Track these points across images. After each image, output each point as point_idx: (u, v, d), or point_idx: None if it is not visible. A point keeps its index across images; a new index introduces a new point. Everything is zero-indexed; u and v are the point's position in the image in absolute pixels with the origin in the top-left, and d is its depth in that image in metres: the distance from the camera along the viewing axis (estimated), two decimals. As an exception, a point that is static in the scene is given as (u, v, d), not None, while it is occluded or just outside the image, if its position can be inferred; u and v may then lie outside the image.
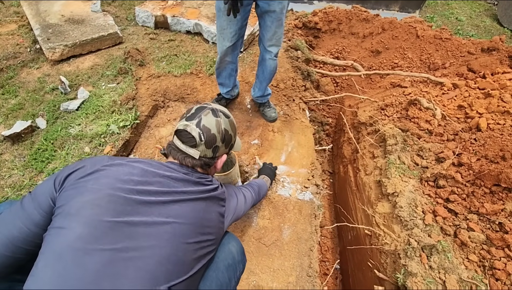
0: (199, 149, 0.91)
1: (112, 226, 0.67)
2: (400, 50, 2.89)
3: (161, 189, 0.78)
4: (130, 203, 0.72)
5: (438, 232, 1.48)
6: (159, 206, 0.75)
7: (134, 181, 0.76)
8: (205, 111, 0.94)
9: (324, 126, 3.00)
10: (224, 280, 0.95)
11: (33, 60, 2.65)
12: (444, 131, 1.98)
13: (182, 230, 0.75)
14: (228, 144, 1.02)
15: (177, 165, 0.90)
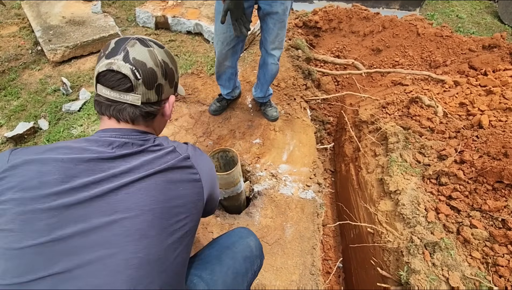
0: (138, 92, 0.67)
1: (39, 251, 0.51)
2: (401, 48, 2.88)
3: (92, 178, 0.58)
4: (52, 214, 0.53)
5: (441, 229, 1.48)
6: (97, 202, 0.56)
7: (50, 182, 0.55)
8: (130, 42, 0.68)
9: (325, 125, 3.00)
10: (241, 270, 0.92)
11: (35, 61, 2.66)
12: (445, 128, 1.98)
13: (136, 224, 0.57)
14: (172, 82, 0.76)
15: (111, 130, 0.67)
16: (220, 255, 0.94)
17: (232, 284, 0.88)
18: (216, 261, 0.91)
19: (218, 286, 0.84)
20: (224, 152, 1.65)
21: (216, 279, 0.85)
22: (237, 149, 2.03)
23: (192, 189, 0.70)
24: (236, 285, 0.89)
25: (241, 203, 1.78)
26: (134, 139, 0.67)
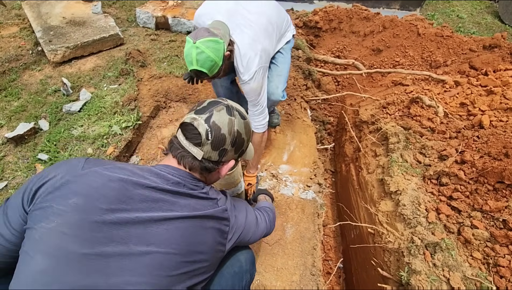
0: (203, 149, 0.78)
1: (80, 259, 0.58)
2: (401, 48, 2.88)
3: (143, 204, 0.66)
4: (101, 229, 0.60)
5: (442, 229, 1.48)
6: (139, 228, 0.63)
7: (109, 197, 0.63)
8: (218, 107, 0.81)
9: (326, 125, 2.99)
10: (227, 286, 0.91)
11: (35, 62, 2.66)
12: (446, 128, 1.97)
13: (165, 261, 0.64)
14: (238, 150, 0.87)
15: (171, 168, 0.77)
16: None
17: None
18: None
19: None
20: None
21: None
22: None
23: (218, 239, 0.78)
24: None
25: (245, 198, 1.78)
26: (187, 182, 0.76)
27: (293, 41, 1.81)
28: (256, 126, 1.59)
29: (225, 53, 1.27)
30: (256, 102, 1.52)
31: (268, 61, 1.52)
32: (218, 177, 0.90)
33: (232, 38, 1.37)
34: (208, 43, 1.19)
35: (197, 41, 1.18)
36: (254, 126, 1.58)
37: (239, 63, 1.39)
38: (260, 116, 1.57)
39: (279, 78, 1.69)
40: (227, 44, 1.30)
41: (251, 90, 1.46)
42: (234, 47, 1.38)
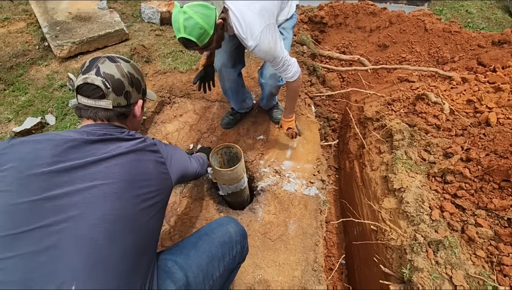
0: (109, 98, 0.83)
1: (31, 207, 0.62)
2: (408, 44, 2.84)
3: (77, 154, 0.71)
4: (44, 179, 0.65)
5: (445, 227, 1.47)
6: (80, 171, 0.68)
7: (43, 155, 0.67)
8: (100, 60, 0.85)
9: (330, 121, 2.98)
10: (217, 254, 0.97)
11: (42, 57, 2.70)
12: (452, 126, 1.95)
13: (113, 189, 0.69)
14: (139, 89, 0.93)
15: (91, 126, 0.82)
16: (197, 241, 0.99)
17: (207, 267, 0.93)
18: (192, 246, 0.97)
19: (193, 269, 0.89)
20: (228, 148, 1.65)
21: (190, 263, 0.90)
22: (241, 145, 2.04)
23: (159, 169, 0.84)
24: (211, 269, 0.94)
25: (244, 199, 1.79)
26: (110, 131, 0.82)
27: (296, 17, 1.68)
28: (289, 78, 1.47)
29: (217, 20, 1.16)
30: (277, 61, 1.37)
31: (273, 18, 1.35)
32: (137, 121, 0.97)
33: (226, 4, 1.24)
34: (197, 7, 1.09)
35: (185, 5, 1.08)
36: (287, 78, 1.48)
37: (240, 30, 1.26)
38: (288, 69, 1.42)
39: None
40: (220, 11, 1.19)
41: (265, 53, 1.31)
42: (229, 14, 1.25)
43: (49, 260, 0.60)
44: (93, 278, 0.62)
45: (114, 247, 0.66)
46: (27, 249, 0.59)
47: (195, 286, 0.88)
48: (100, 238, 0.64)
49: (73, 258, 0.61)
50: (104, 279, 0.63)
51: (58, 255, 0.60)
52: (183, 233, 1.57)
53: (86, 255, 0.62)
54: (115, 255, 0.66)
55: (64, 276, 0.59)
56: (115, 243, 0.66)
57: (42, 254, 0.60)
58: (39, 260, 0.59)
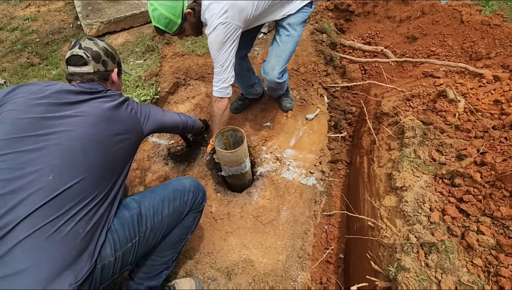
0: (90, 65, 1.07)
1: (31, 121, 0.87)
2: (440, 36, 2.63)
3: (70, 96, 0.95)
4: (43, 106, 0.90)
5: (444, 231, 1.40)
6: (69, 106, 0.93)
7: (47, 93, 0.93)
8: (82, 39, 1.12)
9: (347, 114, 2.88)
10: (168, 197, 1.14)
11: (74, 35, 2.89)
12: (472, 127, 1.81)
13: (90, 119, 0.94)
14: (113, 60, 1.18)
15: (81, 83, 1.05)
16: (154, 189, 1.20)
17: (157, 205, 1.12)
18: (150, 191, 1.18)
19: (145, 204, 1.09)
20: (234, 131, 1.69)
21: (144, 200, 1.11)
22: (246, 130, 2.06)
23: (130, 116, 1.08)
24: (161, 207, 1.12)
25: (245, 182, 1.83)
26: (96, 86, 1.06)
27: (310, 11, 1.61)
28: (213, 89, 1.49)
29: (184, 10, 1.28)
30: (214, 59, 1.41)
31: (241, 21, 1.37)
32: (118, 84, 1.21)
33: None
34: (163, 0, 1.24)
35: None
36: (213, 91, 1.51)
37: (204, 15, 1.35)
38: (216, 77, 1.45)
39: (277, 59, 1.60)
40: (192, 1, 1.31)
41: (210, 44, 1.38)
42: (201, 2, 1.33)
43: (36, 157, 0.83)
44: (66, 173, 0.84)
45: (86, 157, 0.89)
46: (22, 148, 0.83)
47: (145, 218, 1.06)
48: (76, 148, 0.88)
49: (53, 158, 0.84)
50: (74, 177, 0.85)
51: (43, 154, 0.84)
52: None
53: (62, 157, 0.85)
54: (87, 163, 0.89)
55: (45, 168, 0.82)
56: (87, 154, 0.89)
57: (33, 152, 0.83)
58: (30, 156, 0.83)
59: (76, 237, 0.82)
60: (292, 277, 1.36)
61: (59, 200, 0.81)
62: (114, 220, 0.98)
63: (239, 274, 1.36)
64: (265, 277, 1.35)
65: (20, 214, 0.76)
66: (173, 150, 1.93)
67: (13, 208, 0.76)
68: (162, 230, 1.12)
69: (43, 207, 0.78)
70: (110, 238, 0.93)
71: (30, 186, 0.79)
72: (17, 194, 0.78)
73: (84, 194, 0.86)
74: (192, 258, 1.41)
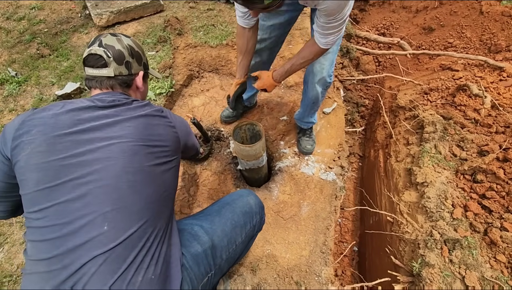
0: (111, 67, 0.89)
1: (61, 163, 0.72)
2: (458, 28, 2.58)
3: (94, 119, 0.79)
4: (67, 139, 0.74)
5: (466, 227, 1.41)
6: (98, 132, 0.77)
7: (63, 119, 0.76)
8: (103, 35, 0.94)
9: (360, 107, 2.86)
10: (239, 222, 1.04)
11: (83, 25, 2.83)
12: (494, 122, 1.79)
13: (129, 146, 0.77)
14: (139, 61, 0.99)
15: (100, 94, 0.88)
16: (220, 210, 1.07)
17: (230, 233, 1.01)
18: (216, 214, 1.05)
19: (218, 234, 0.98)
20: (252, 125, 1.67)
21: (215, 228, 0.99)
22: (263, 124, 2.05)
23: (169, 132, 0.90)
24: (234, 235, 1.02)
25: (261, 176, 1.83)
26: (118, 98, 0.87)
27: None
28: (325, 43, 1.18)
29: None
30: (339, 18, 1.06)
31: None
32: (141, 93, 1.02)
33: None
34: None
35: None
36: (325, 42, 1.17)
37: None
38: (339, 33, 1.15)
39: (325, 56, 1.37)
40: None
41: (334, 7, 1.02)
42: None
43: (82, 206, 0.70)
44: (121, 220, 0.72)
45: (137, 195, 0.75)
46: (63, 198, 0.70)
47: (220, 250, 0.97)
48: (124, 187, 0.74)
49: (102, 204, 0.71)
50: (132, 222, 0.73)
51: (89, 201, 0.71)
52: (201, 203, 1.66)
53: (112, 200, 0.72)
54: (139, 202, 0.75)
55: (96, 219, 0.70)
56: (138, 191, 0.75)
57: (76, 201, 0.70)
58: (74, 206, 0.70)
59: (151, 285, 0.73)
60: (316, 272, 1.38)
61: (121, 250, 0.71)
62: (186, 255, 0.88)
63: (263, 269, 1.37)
64: (289, 272, 1.37)
65: (87, 274, 0.67)
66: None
67: (77, 272, 0.67)
68: (235, 257, 1.06)
69: (106, 263, 0.69)
70: (187, 276, 0.85)
71: (87, 244, 0.69)
72: (76, 255, 0.68)
73: (147, 237, 0.76)
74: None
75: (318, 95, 1.55)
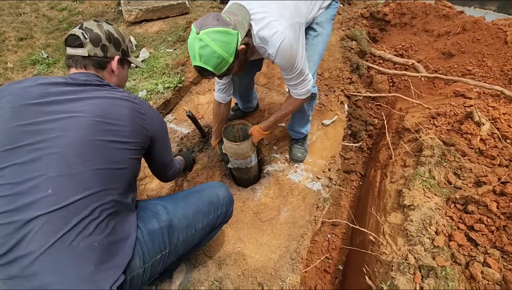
0: (87, 48, 0.95)
1: (21, 129, 0.79)
2: (479, 55, 2.48)
3: (59, 93, 0.84)
4: (32, 109, 0.81)
5: (447, 257, 1.33)
6: (60, 105, 0.83)
7: (31, 92, 0.83)
8: (88, 21, 1.00)
9: (368, 125, 2.81)
10: (203, 210, 1.09)
11: (114, 19, 3.07)
12: (498, 154, 1.70)
13: (86, 120, 0.81)
14: (117, 46, 1.03)
15: (75, 74, 0.94)
16: (188, 195, 1.12)
17: (192, 217, 1.05)
18: (183, 198, 1.10)
19: (178, 216, 1.02)
20: (244, 125, 1.71)
21: (178, 210, 1.03)
22: (260, 127, 2.08)
23: (133, 115, 0.91)
24: (195, 220, 1.06)
25: (250, 178, 1.85)
26: (92, 78, 0.94)
27: (337, 7, 1.44)
28: (299, 94, 1.32)
29: (238, 46, 1.03)
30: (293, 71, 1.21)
31: (302, 18, 1.20)
32: (117, 77, 1.06)
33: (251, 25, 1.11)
34: (215, 34, 0.96)
35: (201, 31, 0.96)
36: (298, 94, 1.33)
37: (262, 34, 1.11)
38: (303, 83, 1.28)
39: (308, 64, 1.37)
40: (244, 34, 1.07)
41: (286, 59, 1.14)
42: (251, 33, 1.12)
43: (33, 169, 0.76)
44: (65, 186, 0.77)
45: (85, 166, 0.79)
46: (17, 160, 0.77)
47: (178, 231, 1.00)
48: (72, 156, 0.78)
49: (49, 169, 0.77)
50: (76, 191, 0.77)
51: (39, 166, 0.77)
52: (185, 193, 1.71)
53: (59, 167, 0.77)
54: (86, 173, 0.79)
55: (42, 183, 0.76)
56: (86, 162, 0.79)
57: (29, 164, 0.77)
58: (27, 168, 0.77)
59: (93, 251, 0.77)
60: (282, 277, 1.36)
61: (63, 214, 0.75)
62: (143, 230, 0.92)
63: (230, 265, 1.38)
64: (254, 272, 1.37)
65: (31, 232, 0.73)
66: (185, 140, 1.99)
67: (21, 228, 0.73)
68: (193, 242, 1.09)
69: (48, 223, 0.73)
70: (139, 249, 0.89)
71: (34, 204, 0.74)
72: (23, 213, 0.73)
73: (93, 207, 0.79)
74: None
75: (303, 105, 1.55)
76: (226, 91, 1.60)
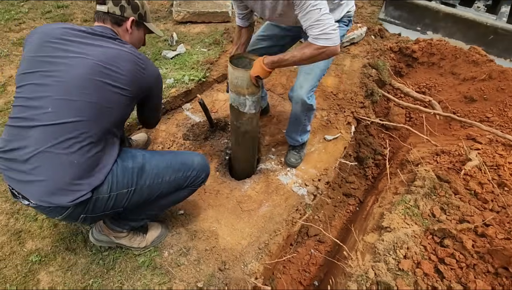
0: (107, 5, 1.13)
1: (40, 59, 1.02)
2: (501, 104, 2.44)
3: (77, 37, 1.04)
4: (51, 46, 1.02)
5: (410, 283, 1.33)
6: (74, 47, 1.03)
7: (57, 33, 1.04)
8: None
9: (377, 155, 2.82)
10: (174, 166, 1.22)
11: (165, 17, 3.46)
12: (492, 199, 1.66)
13: (90, 62, 1.00)
14: (135, 10, 1.19)
15: (96, 26, 1.14)
16: (165, 153, 1.29)
17: (162, 169, 1.19)
18: (160, 153, 1.29)
19: (151, 164, 1.17)
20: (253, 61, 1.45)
21: (152, 159, 1.19)
22: (265, 131, 2.22)
23: (134, 68, 1.08)
24: (164, 172, 1.19)
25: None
26: (107, 32, 1.13)
27: (347, 29, 1.50)
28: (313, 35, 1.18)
29: None
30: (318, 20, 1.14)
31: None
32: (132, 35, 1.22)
33: None
34: None
35: None
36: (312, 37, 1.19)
37: None
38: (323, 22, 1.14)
39: (306, 77, 1.52)
40: None
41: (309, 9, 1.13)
42: None
43: (42, 90, 0.99)
44: (62, 108, 0.97)
45: (81, 96, 0.98)
46: (33, 81, 1.00)
47: (146, 175, 1.15)
48: (73, 86, 0.98)
49: (53, 92, 0.98)
50: (69, 114, 0.97)
51: (46, 89, 0.99)
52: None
53: (61, 92, 0.98)
54: (80, 102, 0.98)
55: (47, 102, 0.98)
56: (82, 94, 0.99)
57: (40, 86, 0.99)
58: (39, 89, 1.00)
59: (71, 167, 0.97)
60: (245, 261, 1.45)
61: (55, 129, 0.95)
62: (119, 164, 1.10)
63: (201, 239, 1.50)
64: (222, 251, 1.47)
65: (32, 136, 0.96)
66: (195, 127, 2.19)
67: (27, 130, 0.97)
68: (157, 192, 1.20)
69: (44, 133, 0.95)
70: (110, 178, 1.06)
71: (36, 116, 0.97)
72: (28, 121, 0.98)
73: (79, 132, 0.97)
74: (172, 211, 1.61)
75: (299, 114, 1.65)
76: (245, 17, 1.62)
